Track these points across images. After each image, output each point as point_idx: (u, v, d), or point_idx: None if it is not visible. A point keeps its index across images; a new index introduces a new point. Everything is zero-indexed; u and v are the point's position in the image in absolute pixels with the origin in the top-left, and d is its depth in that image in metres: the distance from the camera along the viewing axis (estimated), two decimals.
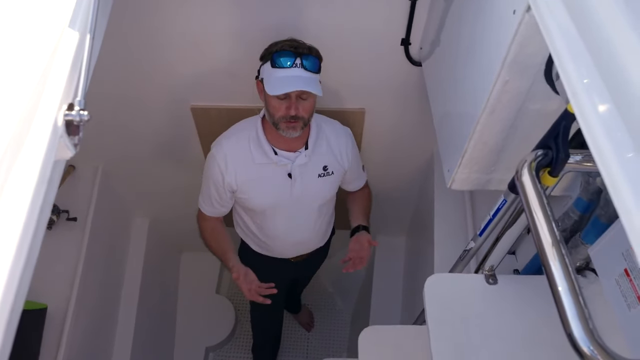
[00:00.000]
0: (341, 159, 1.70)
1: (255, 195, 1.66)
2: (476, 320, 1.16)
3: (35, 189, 0.46)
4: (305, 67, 1.42)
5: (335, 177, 1.71)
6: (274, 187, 1.64)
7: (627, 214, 0.50)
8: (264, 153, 1.59)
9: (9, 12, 0.59)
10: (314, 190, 1.69)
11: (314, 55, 1.45)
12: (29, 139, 0.49)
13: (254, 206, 1.70)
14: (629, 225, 0.49)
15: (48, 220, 0.58)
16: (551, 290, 0.75)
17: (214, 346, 2.75)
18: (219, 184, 1.64)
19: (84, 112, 0.56)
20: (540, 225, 0.80)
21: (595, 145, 0.56)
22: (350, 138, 1.74)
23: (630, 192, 0.50)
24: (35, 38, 0.56)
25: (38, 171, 0.47)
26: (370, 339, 1.55)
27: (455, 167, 1.18)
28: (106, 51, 1.57)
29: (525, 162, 0.88)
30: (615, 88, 0.57)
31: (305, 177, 1.65)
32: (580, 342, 0.69)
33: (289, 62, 1.41)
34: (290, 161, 1.61)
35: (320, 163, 1.66)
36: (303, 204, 1.72)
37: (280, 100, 1.44)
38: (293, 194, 1.66)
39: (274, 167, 1.61)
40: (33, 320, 1.67)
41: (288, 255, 1.93)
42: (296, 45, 1.43)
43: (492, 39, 0.98)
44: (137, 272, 2.35)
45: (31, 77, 0.52)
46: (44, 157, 0.48)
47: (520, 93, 0.98)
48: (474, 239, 1.21)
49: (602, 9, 0.63)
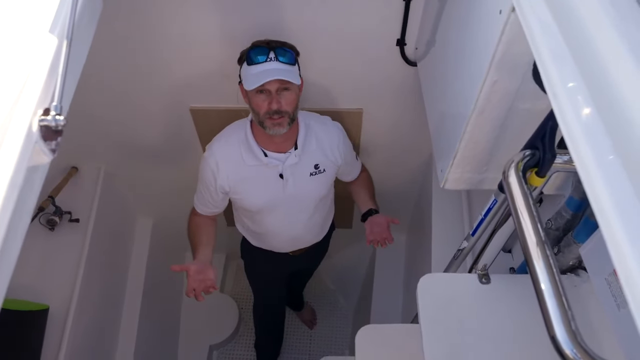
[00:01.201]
0: (333, 156, 1.70)
1: (248, 196, 1.68)
2: (469, 319, 1.16)
3: (6, 195, 0.47)
4: (279, 60, 1.43)
5: (327, 175, 1.71)
6: (266, 187, 1.65)
7: (604, 216, 0.50)
8: (254, 155, 1.60)
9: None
10: (306, 189, 1.69)
11: (288, 48, 1.46)
12: (2, 145, 0.49)
13: (248, 206, 1.72)
14: (605, 226, 0.49)
15: (27, 225, 0.58)
16: (535, 290, 0.75)
17: (218, 344, 2.77)
18: (211, 186, 1.66)
19: (60, 117, 0.56)
20: (526, 225, 0.80)
21: (574, 146, 0.56)
22: (342, 132, 1.74)
23: (607, 196, 0.50)
24: (10, 43, 0.57)
25: (9, 177, 0.48)
26: (367, 338, 1.56)
27: (448, 167, 1.17)
28: (106, 55, 1.61)
29: (512, 163, 0.87)
30: (597, 89, 0.57)
31: (297, 177, 1.66)
32: (563, 345, 0.69)
33: (263, 56, 1.42)
34: (281, 162, 1.61)
35: (311, 162, 1.67)
36: (297, 203, 1.73)
37: (261, 96, 1.45)
38: (286, 193, 1.67)
39: (265, 169, 1.62)
40: (35, 321, 1.69)
41: (286, 249, 1.95)
42: (268, 41, 1.45)
43: (480, 39, 0.98)
44: (141, 272, 2.37)
45: (5, 82, 0.53)
46: (16, 163, 0.49)
47: (509, 93, 0.98)
48: (467, 239, 1.21)
49: (585, 10, 0.62)
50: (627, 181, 0.48)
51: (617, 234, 0.47)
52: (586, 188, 0.53)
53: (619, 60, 0.56)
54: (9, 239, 0.51)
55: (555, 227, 1.15)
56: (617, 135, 0.52)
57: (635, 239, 0.46)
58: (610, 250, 0.49)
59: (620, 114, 0.53)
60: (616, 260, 0.48)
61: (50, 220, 1.91)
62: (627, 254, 0.46)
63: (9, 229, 0.48)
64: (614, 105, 0.54)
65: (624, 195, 0.49)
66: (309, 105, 1.80)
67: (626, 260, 0.46)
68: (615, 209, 0.49)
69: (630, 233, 0.46)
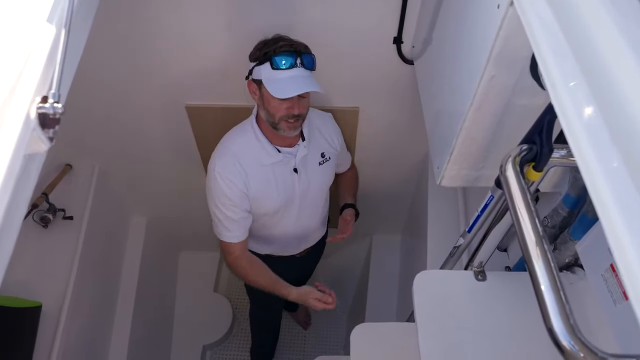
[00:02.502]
0: (332, 142, 1.73)
1: (268, 198, 1.64)
2: (465, 316, 1.16)
3: (3, 183, 0.46)
4: (305, 66, 1.42)
5: (332, 162, 1.74)
6: (284, 185, 1.65)
7: (605, 212, 0.50)
8: (268, 154, 1.58)
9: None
10: (317, 179, 1.71)
11: (310, 53, 1.46)
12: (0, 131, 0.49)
13: (267, 210, 1.68)
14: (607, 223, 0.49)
15: (24, 214, 0.58)
16: (533, 286, 0.75)
17: (211, 344, 2.75)
18: (244, 197, 1.57)
19: (58, 105, 0.56)
20: (523, 219, 0.79)
21: (574, 140, 0.56)
22: (333, 120, 1.78)
23: (608, 191, 0.50)
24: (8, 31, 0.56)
25: (7, 164, 0.47)
26: (362, 336, 1.55)
27: (445, 163, 1.18)
28: (101, 51, 1.60)
29: (510, 157, 0.87)
30: (596, 84, 0.57)
31: (309, 169, 1.67)
32: (561, 337, 0.69)
33: (290, 62, 1.40)
34: (293, 155, 1.62)
35: (318, 151, 1.69)
36: (309, 196, 1.73)
37: (281, 101, 1.43)
38: (300, 188, 1.68)
39: (280, 166, 1.61)
40: (27, 318, 1.67)
41: (294, 251, 1.94)
42: (292, 44, 1.42)
43: (478, 34, 0.98)
44: (135, 270, 2.36)
45: (3, 69, 0.52)
46: (13, 150, 0.48)
47: (506, 88, 0.98)
48: (463, 236, 1.21)
49: (584, 4, 0.63)
50: (627, 176, 0.49)
51: (617, 227, 0.47)
52: (586, 182, 0.53)
53: (618, 55, 0.56)
54: (6, 228, 0.50)
55: (551, 224, 1.16)
56: (617, 130, 0.52)
57: (636, 232, 0.46)
58: (610, 244, 0.49)
59: (620, 109, 0.53)
60: (616, 253, 0.48)
61: (43, 217, 1.89)
62: (627, 247, 0.46)
63: (6, 217, 0.47)
64: (612, 98, 0.54)
65: (624, 189, 0.49)
66: None
67: (626, 252, 0.46)
68: (616, 203, 0.49)
69: (631, 226, 0.46)
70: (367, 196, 2.30)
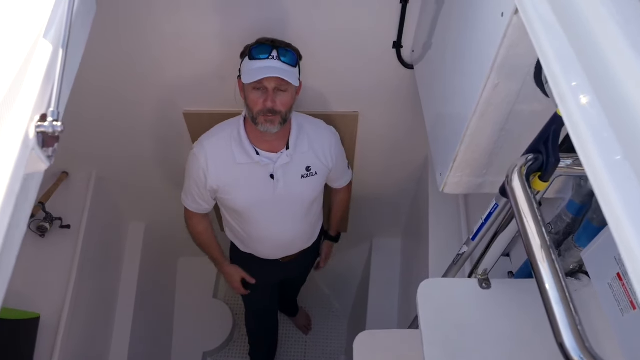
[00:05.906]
0: (325, 159, 1.70)
1: (237, 195, 1.66)
2: (470, 325, 1.15)
3: (2, 205, 0.45)
4: (281, 60, 1.43)
5: (319, 177, 1.70)
6: (256, 187, 1.64)
7: (616, 220, 0.49)
8: (246, 153, 1.58)
9: None
10: (297, 191, 1.68)
11: (291, 50, 1.47)
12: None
13: (236, 206, 1.70)
14: (617, 231, 0.49)
15: (23, 234, 0.56)
16: (542, 297, 0.74)
17: (212, 351, 2.74)
18: (200, 183, 1.64)
19: (57, 123, 0.54)
20: (531, 230, 0.78)
21: (582, 148, 0.55)
22: (335, 136, 1.74)
23: (617, 197, 0.49)
24: (6, 49, 0.55)
25: (6, 186, 0.46)
26: (365, 344, 1.54)
27: (447, 170, 1.16)
28: (98, 58, 1.58)
29: (516, 167, 0.86)
30: (603, 91, 0.57)
31: (288, 178, 1.64)
32: (572, 352, 0.68)
33: (265, 53, 1.43)
34: (272, 162, 1.60)
35: (303, 163, 1.66)
36: (287, 205, 1.71)
37: (257, 93, 1.45)
38: (276, 194, 1.65)
39: (256, 167, 1.61)
40: (25, 330, 1.66)
41: (275, 256, 1.93)
42: (273, 40, 1.46)
43: (481, 42, 0.97)
44: (133, 278, 2.34)
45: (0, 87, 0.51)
46: (12, 171, 0.47)
47: (510, 96, 0.97)
48: (467, 243, 1.19)
49: (590, 11, 0.62)
50: (636, 180, 0.48)
51: (627, 234, 0.47)
52: (595, 189, 0.52)
53: (625, 62, 0.55)
54: (6, 249, 0.49)
55: (555, 230, 1.15)
56: (624, 136, 0.52)
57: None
58: (621, 253, 0.49)
59: (628, 115, 0.52)
60: (628, 263, 0.47)
61: (40, 226, 1.87)
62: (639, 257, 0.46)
63: (6, 239, 0.46)
64: (620, 105, 0.54)
65: (635, 198, 0.48)
66: (304, 108, 1.78)
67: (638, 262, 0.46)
68: (625, 209, 0.48)
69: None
70: (367, 200, 2.29)
